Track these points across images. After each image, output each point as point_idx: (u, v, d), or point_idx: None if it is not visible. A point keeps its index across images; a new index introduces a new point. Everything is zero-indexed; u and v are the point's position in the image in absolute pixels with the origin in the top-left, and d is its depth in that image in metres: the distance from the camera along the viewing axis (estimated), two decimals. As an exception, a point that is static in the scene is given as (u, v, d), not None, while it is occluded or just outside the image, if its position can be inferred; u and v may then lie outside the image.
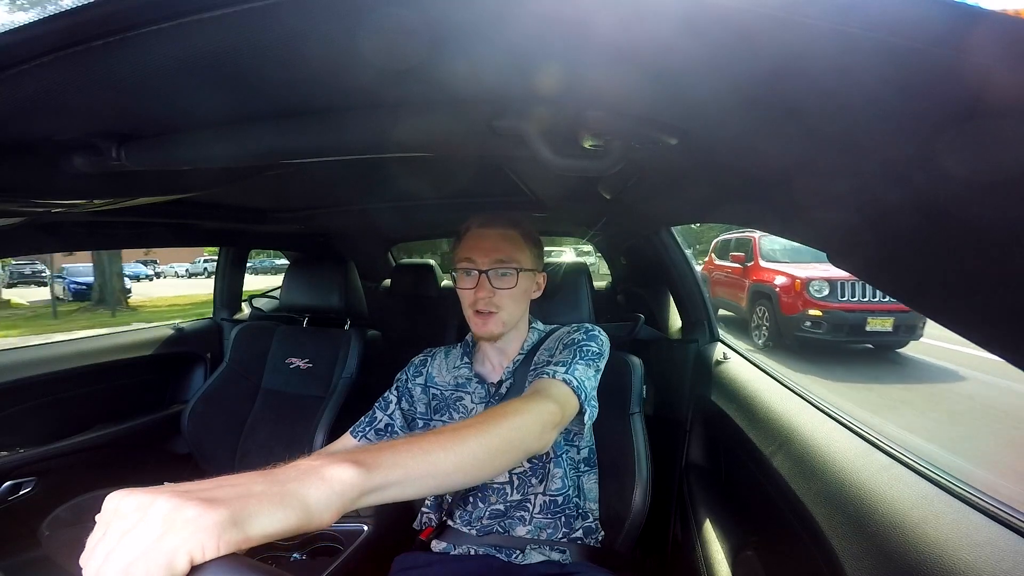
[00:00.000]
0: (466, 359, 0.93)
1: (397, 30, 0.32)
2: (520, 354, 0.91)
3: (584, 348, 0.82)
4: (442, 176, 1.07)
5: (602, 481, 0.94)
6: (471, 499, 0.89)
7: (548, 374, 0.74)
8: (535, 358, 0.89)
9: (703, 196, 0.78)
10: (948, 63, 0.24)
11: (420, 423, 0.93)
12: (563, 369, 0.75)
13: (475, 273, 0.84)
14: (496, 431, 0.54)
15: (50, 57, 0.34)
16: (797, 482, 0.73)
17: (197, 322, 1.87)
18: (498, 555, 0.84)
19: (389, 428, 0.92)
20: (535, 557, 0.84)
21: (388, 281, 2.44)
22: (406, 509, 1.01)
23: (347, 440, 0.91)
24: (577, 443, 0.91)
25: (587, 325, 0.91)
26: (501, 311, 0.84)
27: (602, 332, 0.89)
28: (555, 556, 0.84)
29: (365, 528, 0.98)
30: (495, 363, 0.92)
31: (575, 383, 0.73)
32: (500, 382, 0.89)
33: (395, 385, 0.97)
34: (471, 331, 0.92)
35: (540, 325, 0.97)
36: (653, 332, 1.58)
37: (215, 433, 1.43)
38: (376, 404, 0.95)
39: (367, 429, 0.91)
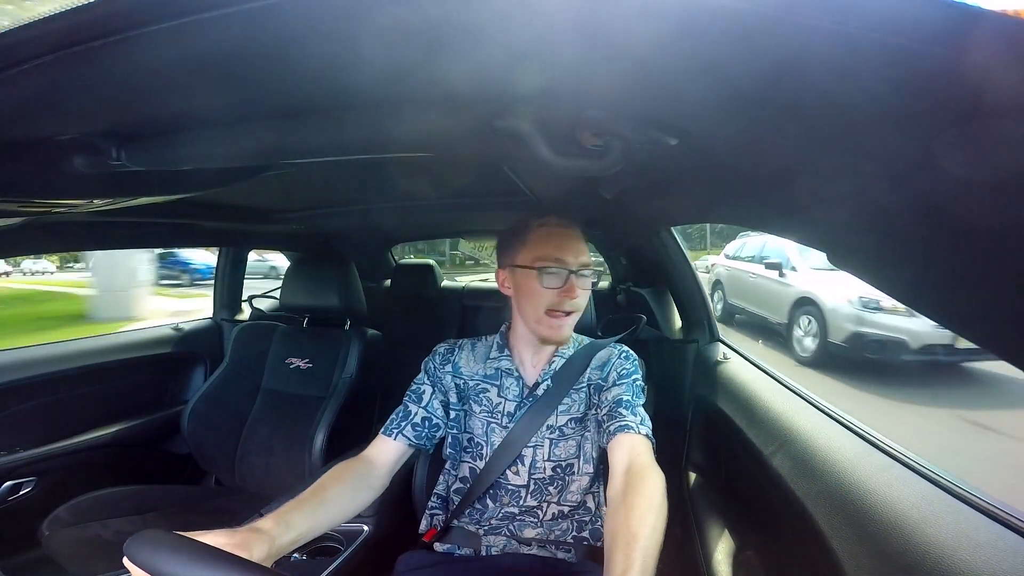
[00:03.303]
0: (506, 351, 0.92)
1: (397, 30, 0.32)
2: (558, 357, 0.90)
3: (636, 384, 0.86)
4: (442, 176, 1.07)
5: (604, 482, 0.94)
6: (483, 497, 0.88)
7: (631, 428, 0.76)
8: (585, 376, 0.89)
9: (703, 196, 0.78)
10: (948, 63, 0.24)
11: (452, 413, 0.91)
12: (636, 419, 0.78)
13: (564, 272, 0.81)
14: (655, 544, 0.59)
15: (50, 57, 0.34)
16: (797, 482, 0.73)
17: (197, 322, 1.87)
18: (504, 554, 0.84)
19: (428, 422, 0.88)
20: (542, 556, 0.84)
21: (388, 281, 2.45)
22: (406, 509, 1.01)
23: (381, 442, 0.86)
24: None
25: (626, 350, 0.93)
26: (575, 312, 0.84)
27: (631, 352, 0.94)
28: (561, 555, 0.84)
29: (365, 528, 0.97)
30: (526, 359, 0.91)
31: (648, 429, 0.78)
32: (537, 384, 0.89)
33: (424, 373, 0.93)
34: (510, 329, 0.92)
35: (573, 332, 0.96)
36: (653, 332, 1.58)
37: (215, 433, 1.43)
38: (406, 397, 0.92)
39: (403, 425, 0.86)
